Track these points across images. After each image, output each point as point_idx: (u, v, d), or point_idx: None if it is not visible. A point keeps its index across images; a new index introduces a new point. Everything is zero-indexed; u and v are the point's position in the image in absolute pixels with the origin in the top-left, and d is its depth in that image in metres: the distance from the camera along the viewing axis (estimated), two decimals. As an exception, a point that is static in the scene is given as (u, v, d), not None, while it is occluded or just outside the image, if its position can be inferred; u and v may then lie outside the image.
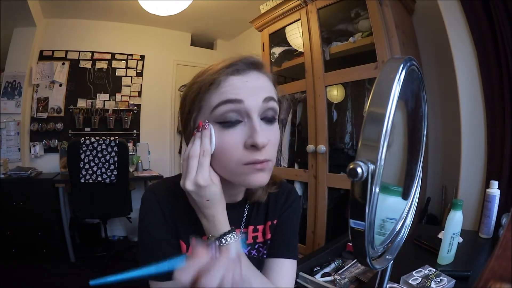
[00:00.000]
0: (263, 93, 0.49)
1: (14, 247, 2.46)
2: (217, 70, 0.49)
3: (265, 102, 0.49)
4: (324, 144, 1.74)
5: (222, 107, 0.48)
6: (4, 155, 2.68)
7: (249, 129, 0.48)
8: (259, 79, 0.51)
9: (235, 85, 0.48)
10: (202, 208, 0.49)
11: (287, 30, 2.02)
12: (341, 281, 1.00)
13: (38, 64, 2.93)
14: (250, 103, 0.48)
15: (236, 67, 0.49)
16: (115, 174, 2.25)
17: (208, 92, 0.49)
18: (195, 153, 0.48)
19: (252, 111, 0.48)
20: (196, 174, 0.47)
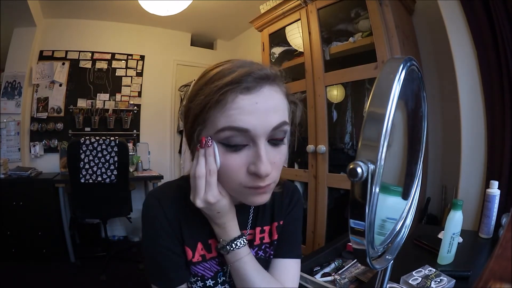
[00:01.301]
0: (273, 118, 0.46)
1: (14, 247, 2.46)
2: (224, 85, 0.44)
3: (275, 129, 0.47)
4: (324, 144, 1.74)
5: (227, 133, 0.45)
6: (4, 155, 2.68)
7: (253, 155, 0.46)
8: (270, 97, 0.46)
9: (244, 108, 0.44)
10: (213, 218, 0.52)
11: (287, 30, 2.02)
12: (341, 281, 1.00)
13: (38, 64, 2.93)
14: (258, 131, 0.45)
15: (246, 85, 0.44)
16: (115, 174, 2.25)
17: (213, 110, 0.45)
18: (201, 173, 0.47)
19: (259, 138, 0.46)
20: (205, 193, 0.48)
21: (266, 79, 0.46)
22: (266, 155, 0.46)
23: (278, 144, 0.49)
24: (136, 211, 2.61)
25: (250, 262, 0.54)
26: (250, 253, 0.55)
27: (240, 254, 0.53)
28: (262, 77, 0.46)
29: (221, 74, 0.46)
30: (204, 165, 0.47)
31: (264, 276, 0.55)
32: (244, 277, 0.53)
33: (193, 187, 0.49)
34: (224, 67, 0.48)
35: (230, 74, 0.45)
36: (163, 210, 0.55)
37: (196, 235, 0.57)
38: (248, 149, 0.47)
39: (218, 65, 0.49)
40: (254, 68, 0.46)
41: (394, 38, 1.45)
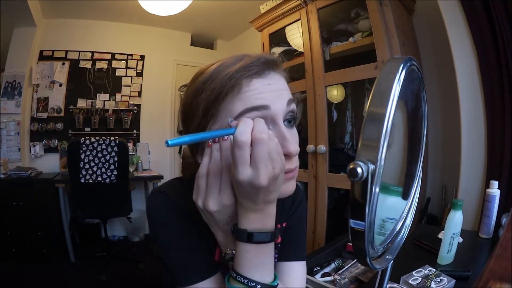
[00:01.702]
0: (286, 96, 0.46)
1: (14, 247, 2.46)
2: (236, 72, 0.43)
3: (288, 105, 0.46)
4: (324, 144, 1.74)
5: (248, 115, 0.43)
6: (4, 155, 2.68)
7: (277, 136, 0.43)
8: (279, 80, 0.47)
9: (260, 88, 0.44)
10: (222, 225, 0.46)
11: (287, 30, 2.02)
12: (341, 281, 1.00)
13: (38, 64, 2.93)
14: (277, 108, 0.44)
15: (256, 69, 0.44)
16: (115, 174, 2.25)
17: (229, 97, 0.43)
18: (216, 170, 0.42)
19: (278, 117, 0.45)
20: (221, 193, 0.42)
21: (273, 64, 0.47)
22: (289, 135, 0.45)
23: (292, 125, 0.48)
24: (136, 211, 2.61)
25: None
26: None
27: None
28: (269, 62, 0.46)
29: (227, 64, 0.46)
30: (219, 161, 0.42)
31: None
32: None
33: (203, 187, 0.43)
34: (225, 60, 0.47)
35: (237, 62, 0.45)
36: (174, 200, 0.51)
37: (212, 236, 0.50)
38: None
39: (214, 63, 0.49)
40: (261, 55, 0.46)
41: (394, 38, 1.45)
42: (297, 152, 0.45)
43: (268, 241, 0.43)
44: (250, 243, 0.43)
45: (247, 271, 0.43)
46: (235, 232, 0.44)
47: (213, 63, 0.49)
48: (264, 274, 0.44)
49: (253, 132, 0.38)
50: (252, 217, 0.42)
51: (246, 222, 0.43)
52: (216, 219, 0.45)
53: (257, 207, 0.42)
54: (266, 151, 0.38)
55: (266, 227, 0.43)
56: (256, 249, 0.43)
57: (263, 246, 0.43)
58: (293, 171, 0.46)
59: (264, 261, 0.44)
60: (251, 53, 0.48)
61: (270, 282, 0.44)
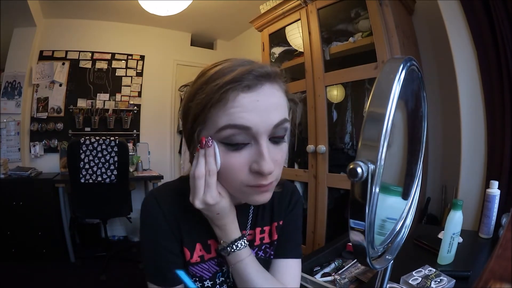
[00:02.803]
0: (275, 116, 0.46)
1: (14, 247, 2.46)
2: (225, 84, 0.44)
3: (276, 127, 0.46)
4: (324, 144, 1.74)
5: (228, 131, 0.45)
6: (4, 155, 2.68)
7: (255, 153, 0.46)
8: (271, 95, 0.46)
9: (245, 106, 0.44)
10: (213, 220, 0.52)
11: (287, 30, 2.02)
12: (341, 281, 1.00)
13: (38, 64, 2.93)
14: (260, 129, 0.45)
15: (246, 83, 0.44)
16: (115, 174, 2.25)
17: (215, 109, 0.45)
18: (201, 173, 0.47)
19: (260, 136, 0.45)
20: (204, 193, 0.48)
21: (267, 77, 0.46)
22: (268, 153, 0.46)
23: (279, 142, 0.49)
24: (136, 211, 2.61)
25: (252, 263, 0.53)
26: (251, 254, 0.55)
27: (241, 255, 0.53)
28: (262, 75, 0.45)
29: (221, 73, 0.46)
30: (203, 166, 0.47)
31: (266, 277, 0.55)
32: (246, 279, 0.53)
33: (192, 187, 0.49)
34: (224, 65, 0.47)
35: (230, 73, 0.45)
36: (161, 209, 0.55)
37: (195, 235, 0.56)
38: (249, 147, 0.46)
39: (217, 64, 0.49)
40: (255, 66, 0.46)
41: (394, 38, 1.45)
42: (269, 172, 0.46)
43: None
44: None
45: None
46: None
47: (215, 64, 0.49)
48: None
49: None
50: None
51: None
52: (207, 215, 0.52)
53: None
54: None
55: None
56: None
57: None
58: (266, 186, 0.48)
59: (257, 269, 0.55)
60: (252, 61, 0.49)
61: None
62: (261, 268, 0.55)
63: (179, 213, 0.55)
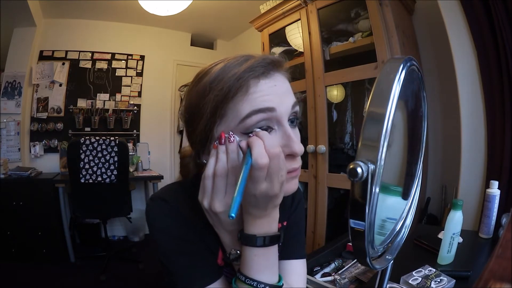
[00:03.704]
0: (291, 98, 0.47)
1: (14, 247, 2.46)
2: (243, 72, 0.44)
3: (293, 108, 0.47)
4: (324, 144, 1.74)
5: (254, 117, 0.43)
6: (4, 155, 2.67)
7: (282, 137, 0.46)
8: (283, 81, 0.48)
9: (266, 90, 0.44)
10: (226, 226, 0.47)
11: (287, 30, 2.02)
12: (341, 281, 1.00)
13: (38, 64, 2.93)
14: (282, 110, 0.45)
15: (262, 70, 0.45)
16: (115, 174, 2.25)
17: (236, 98, 0.43)
18: (223, 172, 0.42)
19: (283, 118, 0.46)
20: (227, 194, 0.43)
21: (278, 65, 0.48)
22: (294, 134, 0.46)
23: (295, 125, 0.49)
24: (136, 211, 2.61)
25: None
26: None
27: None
28: (274, 63, 0.47)
29: (233, 65, 0.46)
30: (226, 163, 0.43)
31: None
32: None
33: (209, 188, 0.44)
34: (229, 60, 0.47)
35: (244, 63, 0.45)
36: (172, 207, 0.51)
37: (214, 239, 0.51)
38: (274, 133, 0.46)
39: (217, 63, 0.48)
40: (263, 56, 0.47)
41: (394, 38, 1.45)
42: (301, 152, 0.46)
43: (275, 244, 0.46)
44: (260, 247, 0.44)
45: (255, 274, 0.45)
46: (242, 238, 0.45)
47: (216, 63, 0.49)
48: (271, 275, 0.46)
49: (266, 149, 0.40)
50: (260, 223, 0.45)
51: (253, 228, 0.45)
52: (222, 220, 0.45)
53: (265, 213, 0.44)
54: (278, 164, 0.41)
55: (272, 231, 0.46)
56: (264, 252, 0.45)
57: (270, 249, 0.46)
58: (297, 170, 0.47)
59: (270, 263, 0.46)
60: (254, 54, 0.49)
61: (276, 282, 0.46)
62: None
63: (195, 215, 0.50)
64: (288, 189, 0.48)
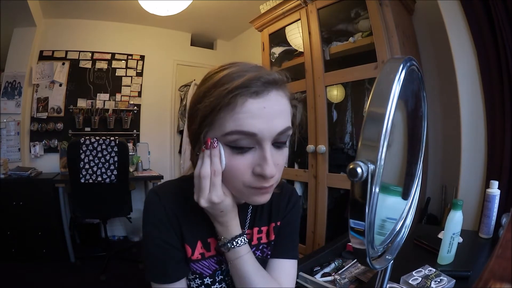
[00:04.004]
0: (279, 122, 0.48)
1: (14, 247, 2.46)
2: (235, 88, 0.45)
3: (280, 134, 0.48)
4: (324, 144, 1.74)
5: (235, 136, 0.47)
6: (4, 155, 2.67)
7: (259, 157, 0.48)
8: (277, 102, 0.48)
9: (252, 112, 0.46)
10: (216, 217, 0.53)
11: (287, 30, 2.02)
12: (341, 281, 1.00)
13: (38, 64, 2.93)
14: (265, 135, 0.47)
15: (255, 89, 0.46)
16: (115, 174, 2.25)
17: (222, 113, 0.46)
18: (207, 173, 0.49)
19: (265, 141, 0.47)
20: (210, 193, 0.49)
21: (274, 84, 0.48)
22: (271, 158, 0.48)
23: (281, 147, 0.51)
24: (136, 211, 2.61)
25: (250, 260, 0.55)
26: (250, 251, 0.56)
27: (240, 252, 0.54)
28: (270, 82, 0.47)
29: (229, 77, 0.47)
30: (209, 166, 0.48)
31: (263, 275, 0.56)
32: (243, 275, 0.54)
33: (197, 186, 0.50)
34: (232, 70, 0.48)
35: (239, 78, 0.46)
36: (163, 206, 0.56)
37: (196, 233, 0.58)
38: (253, 151, 0.48)
39: (224, 68, 0.50)
40: (263, 73, 0.47)
41: (394, 38, 1.45)
42: (271, 175, 0.48)
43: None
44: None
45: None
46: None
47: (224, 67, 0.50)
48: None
49: None
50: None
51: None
52: (210, 213, 0.53)
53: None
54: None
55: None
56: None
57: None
58: (267, 188, 0.50)
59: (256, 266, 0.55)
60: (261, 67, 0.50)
61: None
62: (258, 265, 0.56)
63: (180, 210, 0.57)
64: (256, 201, 0.52)
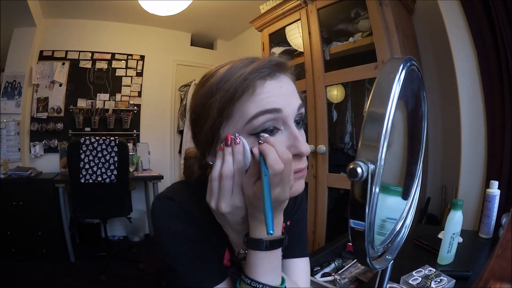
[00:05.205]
0: (296, 99, 0.48)
1: (14, 247, 2.46)
2: (250, 73, 0.44)
3: (299, 109, 0.48)
4: (324, 144, 1.74)
5: (261, 118, 0.43)
6: (4, 155, 2.67)
7: (288, 137, 0.46)
8: (289, 83, 0.48)
9: (272, 91, 0.45)
10: (234, 225, 0.47)
11: (287, 30, 2.02)
12: (341, 281, 1.00)
13: (38, 64, 2.93)
14: (288, 111, 0.46)
15: (268, 71, 0.45)
16: (115, 174, 2.25)
17: (241, 100, 0.44)
18: (229, 173, 0.43)
19: (289, 119, 0.46)
20: (233, 195, 0.44)
21: (283, 66, 0.48)
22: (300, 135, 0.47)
23: (301, 126, 0.50)
24: (136, 211, 2.61)
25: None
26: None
27: None
28: (280, 65, 0.47)
29: (238, 67, 0.46)
30: (231, 164, 0.43)
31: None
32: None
33: (215, 189, 0.44)
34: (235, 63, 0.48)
35: (250, 64, 0.46)
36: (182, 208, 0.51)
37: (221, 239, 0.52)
38: (280, 134, 0.46)
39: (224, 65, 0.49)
40: (269, 58, 0.48)
41: (394, 38, 1.45)
42: (308, 152, 0.46)
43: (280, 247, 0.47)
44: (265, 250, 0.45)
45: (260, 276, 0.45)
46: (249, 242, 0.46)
47: (222, 65, 0.49)
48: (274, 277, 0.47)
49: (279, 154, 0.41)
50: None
51: (260, 232, 0.45)
52: (229, 220, 0.46)
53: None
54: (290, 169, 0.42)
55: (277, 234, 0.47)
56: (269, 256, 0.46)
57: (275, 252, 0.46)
58: (303, 171, 0.48)
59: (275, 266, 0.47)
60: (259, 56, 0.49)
61: (279, 284, 0.47)
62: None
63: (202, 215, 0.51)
64: (296, 190, 0.48)
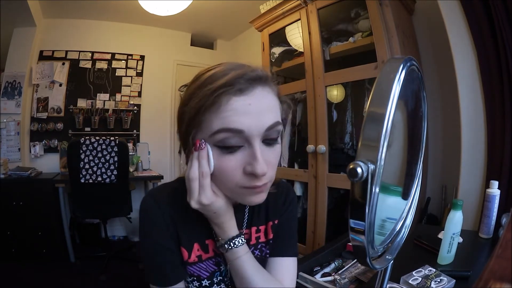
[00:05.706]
0: (267, 118, 0.47)
1: (14, 247, 2.46)
2: (218, 88, 0.45)
3: (268, 129, 0.47)
4: (324, 144, 1.74)
5: (222, 135, 0.46)
6: (4, 155, 2.67)
7: (249, 155, 0.47)
8: (263, 98, 0.48)
9: (237, 109, 0.45)
10: (211, 218, 0.53)
11: (287, 30, 2.02)
12: (341, 281, 1.00)
13: (38, 64, 2.93)
14: (253, 132, 0.46)
15: (239, 86, 0.45)
16: (115, 174, 2.25)
17: (208, 113, 0.46)
18: (195, 176, 0.49)
19: (253, 138, 0.46)
20: (199, 195, 0.49)
21: (258, 80, 0.47)
22: (261, 155, 0.47)
23: (272, 144, 0.50)
24: (136, 211, 2.60)
25: (249, 260, 0.54)
26: (249, 251, 0.55)
27: (238, 252, 0.54)
28: (254, 78, 0.47)
29: (214, 77, 0.47)
30: (197, 168, 0.48)
31: (263, 275, 0.56)
32: (243, 276, 0.54)
33: (188, 189, 0.50)
34: (217, 70, 0.49)
35: (223, 77, 0.46)
36: (159, 208, 0.56)
37: (193, 235, 0.57)
38: (243, 150, 0.48)
39: (210, 69, 0.50)
40: (246, 70, 0.47)
41: (394, 38, 1.45)
42: (262, 173, 0.47)
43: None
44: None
45: None
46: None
47: (212, 67, 0.51)
48: None
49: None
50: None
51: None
52: (205, 214, 0.53)
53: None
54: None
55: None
56: None
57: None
58: (260, 187, 0.49)
59: None
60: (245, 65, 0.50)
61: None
62: (258, 265, 0.56)
63: (177, 213, 0.56)
64: (250, 202, 0.51)
